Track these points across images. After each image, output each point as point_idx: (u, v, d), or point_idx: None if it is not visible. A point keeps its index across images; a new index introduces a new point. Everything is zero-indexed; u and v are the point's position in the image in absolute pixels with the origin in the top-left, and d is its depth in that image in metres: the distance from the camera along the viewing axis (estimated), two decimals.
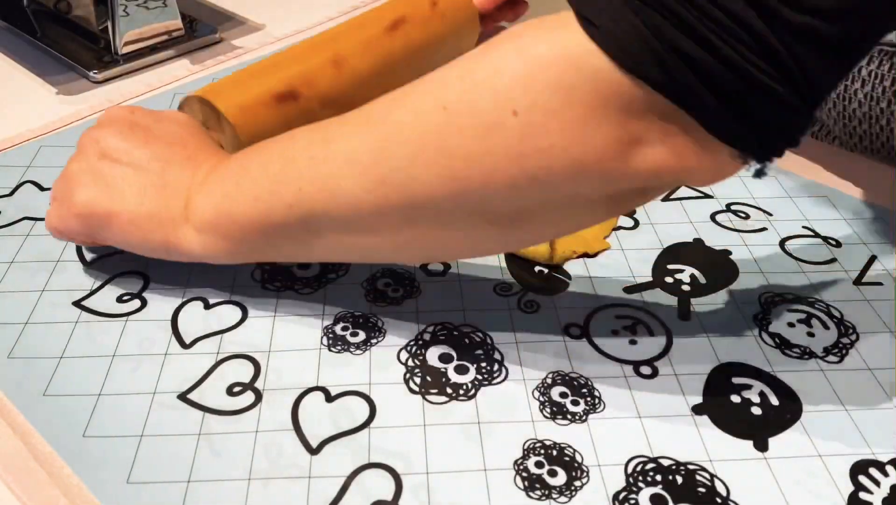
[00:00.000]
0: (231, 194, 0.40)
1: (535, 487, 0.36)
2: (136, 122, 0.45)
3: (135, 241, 0.43)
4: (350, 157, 0.37)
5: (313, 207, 0.38)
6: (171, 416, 0.39)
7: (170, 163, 0.43)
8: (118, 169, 0.43)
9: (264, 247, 0.41)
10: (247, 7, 0.80)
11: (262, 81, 0.51)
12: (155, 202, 0.42)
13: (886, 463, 0.37)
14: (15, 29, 0.73)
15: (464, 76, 0.34)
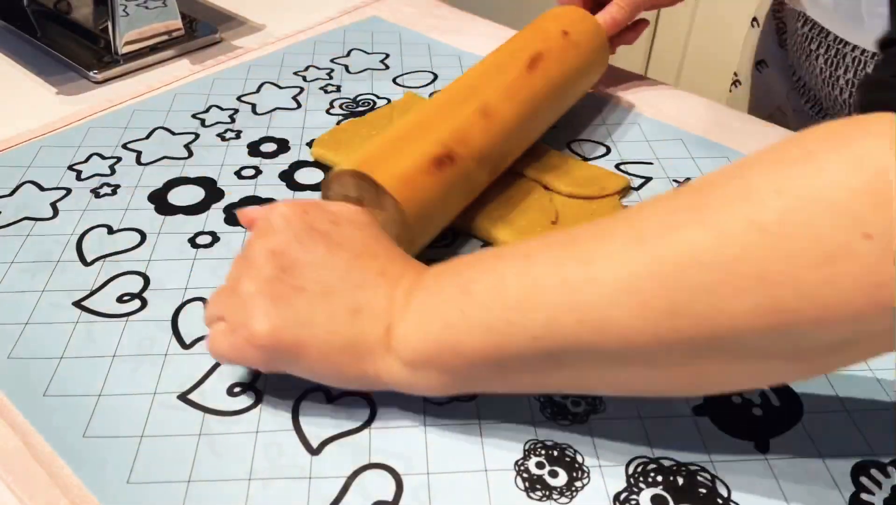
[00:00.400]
0: (454, 324, 0.35)
1: (536, 487, 0.36)
2: (312, 227, 0.39)
3: (327, 374, 0.37)
4: (624, 283, 0.31)
5: (567, 339, 0.32)
6: (171, 416, 0.38)
7: (361, 281, 0.37)
8: (304, 290, 0.37)
9: (491, 379, 0.36)
10: (247, 7, 0.80)
11: (416, 146, 0.45)
12: (350, 330, 0.36)
13: (888, 464, 0.37)
14: (15, 29, 0.73)
15: (783, 191, 0.28)
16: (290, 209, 0.40)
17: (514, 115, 0.50)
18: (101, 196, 0.53)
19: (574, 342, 0.32)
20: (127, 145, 0.58)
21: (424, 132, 0.47)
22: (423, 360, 0.36)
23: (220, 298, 0.39)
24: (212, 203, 0.53)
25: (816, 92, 0.67)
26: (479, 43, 0.73)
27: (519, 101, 0.51)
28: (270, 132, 0.60)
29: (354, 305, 0.37)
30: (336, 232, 0.39)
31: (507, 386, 0.37)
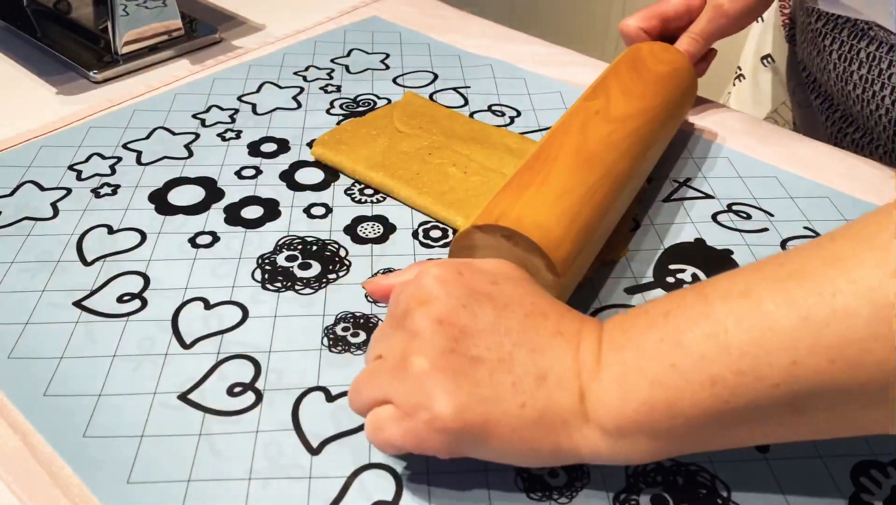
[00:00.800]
0: (665, 382, 0.31)
1: (536, 487, 0.36)
2: (473, 287, 0.35)
3: (518, 453, 0.33)
4: (879, 310, 0.28)
5: (816, 383, 0.29)
6: (171, 416, 0.38)
7: (537, 344, 0.34)
8: (482, 361, 0.33)
9: (713, 437, 0.33)
10: (247, 7, 0.80)
11: (585, 243, 0.42)
12: (539, 402, 0.32)
13: (888, 464, 0.37)
14: (15, 29, 0.73)
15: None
16: (444, 271, 0.35)
17: (638, 156, 0.49)
18: (101, 196, 0.53)
19: (825, 385, 0.29)
20: (127, 145, 0.58)
21: (576, 182, 0.43)
22: (630, 426, 0.32)
23: (379, 378, 0.34)
24: (212, 203, 0.53)
25: (828, 88, 0.67)
26: (478, 43, 0.73)
27: (642, 148, 0.49)
28: (270, 132, 0.60)
29: (538, 372, 0.33)
30: (498, 292, 0.35)
31: (731, 441, 0.33)
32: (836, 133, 0.68)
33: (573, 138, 0.47)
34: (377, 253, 0.49)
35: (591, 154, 0.45)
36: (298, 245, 0.49)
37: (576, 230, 0.41)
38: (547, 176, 0.43)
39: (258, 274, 0.47)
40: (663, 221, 0.52)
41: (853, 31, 0.61)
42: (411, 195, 0.52)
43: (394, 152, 0.56)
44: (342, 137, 0.58)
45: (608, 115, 0.49)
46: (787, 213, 0.53)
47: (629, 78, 0.53)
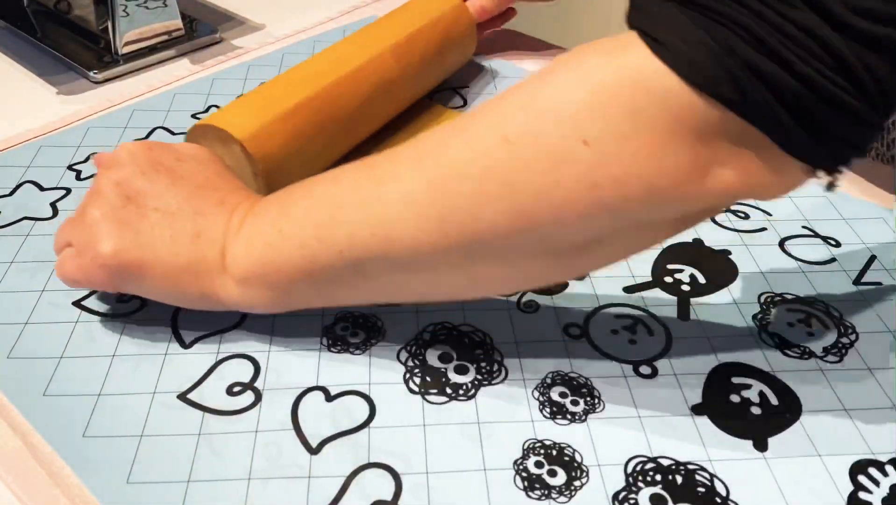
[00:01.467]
0: (274, 243, 0.38)
1: (535, 486, 0.36)
2: (157, 161, 0.42)
3: (169, 294, 0.41)
4: (405, 197, 0.35)
5: (366, 252, 0.36)
6: (171, 416, 0.39)
7: (202, 208, 0.40)
8: (147, 216, 0.40)
9: (310, 294, 0.40)
10: (247, 7, 0.80)
11: (276, 103, 0.50)
12: (190, 253, 0.39)
13: (886, 463, 0.37)
14: (15, 29, 0.73)
15: (525, 106, 0.33)
16: (136, 146, 0.43)
17: (373, 89, 0.55)
18: None
19: (373, 255, 0.36)
20: None
21: (286, 92, 0.51)
22: (251, 277, 0.39)
23: (68, 227, 0.42)
24: None
25: None
26: (479, 43, 0.73)
27: (379, 77, 0.56)
28: None
29: (195, 230, 0.40)
30: (179, 167, 0.42)
31: (325, 300, 0.41)
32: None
33: (308, 66, 0.55)
34: None
35: (314, 74, 0.53)
36: None
37: (281, 130, 0.49)
38: (270, 91, 0.52)
39: None
40: None
41: None
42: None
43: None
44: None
45: (339, 47, 0.57)
46: (786, 212, 0.53)
47: (385, 19, 0.61)
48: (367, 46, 0.56)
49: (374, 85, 0.55)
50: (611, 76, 0.31)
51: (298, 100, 0.51)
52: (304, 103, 0.51)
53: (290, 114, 0.50)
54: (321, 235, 0.37)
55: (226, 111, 0.50)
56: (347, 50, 0.56)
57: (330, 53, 0.56)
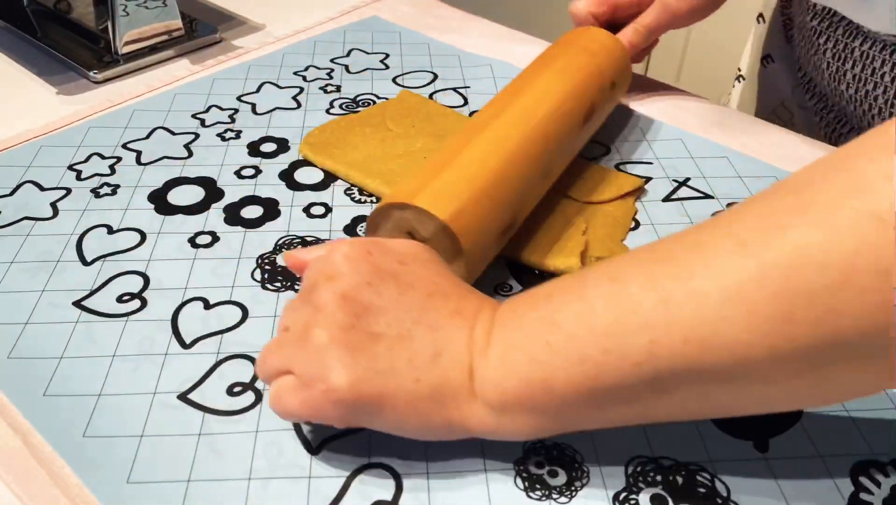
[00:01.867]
0: (540, 359, 0.32)
1: (536, 487, 0.36)
2: (380, 267, 0.36)
3: (411, 426, 0.35)
4: (731, 294, 0.29)
5: (672, 362, 0.30)
6: (171, 416, 0.39)
7: (437, 322, 0.35)
8: (381, 336, 0.34)
9: (587, 415, 0.34)
10: (247, 7, 0.80)
11: (472, 181, 0.43)
12: (432, 378, 0.34)
13: (887, 463, 0.37)
14: (15, 29, 0.73)
15: (892, 175, 0.27)
16: (353, 249, 0.37)
17: (559, 144, 0.50)
18: (101, 196, 0.53)
19: (680, 364, 0.30)
20: (127, 145, 0.58)
21: (474, 158, 0.45)
22: (510, 401, 0.33)
23: (284, 349, 0.35)
24: (212, 203, 0.53)
25: (822, 88, 0.67)
26: (478, 43, 0.73)
27: (570, 155, 0.52)
28: (270, 132, 0.60)
29: (434, 350, 0.34)
30: (404, 272, 0.37)
31: (606, 420, 0.34)
32: (831, 134, 0.68)
33: (486, 120, 0.48)
34: None
35: (502, 135, 0.47)
36: (298, 245, 0.49)
37: (481, 206, 0.43)
38: (456, 155, 0.45)
39: (258, 274, 0.47)
40: (663, 221, 0.52)
41: (847, 28, 0.61)
42: None
43: (388, 156, 0.55)
44: (330, 138, 0.57)
45: (527, 97, 0.50)
46: None
47: (561, 60, 0.54)
48: (544, 97, 0.50)
49: (558, 142, 0.50)
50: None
51: (492, 166, 0.44)
52: (499, 170, 0.45)
53: (486, 184, 0.43)
54: (609, 346, 0.31)
55: (413, 184, 0.43)
56: (526, 102, 0.50)
57: (508, 105, 0.49)
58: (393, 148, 0.56)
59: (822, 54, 0.64)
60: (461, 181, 0.43)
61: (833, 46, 0.62)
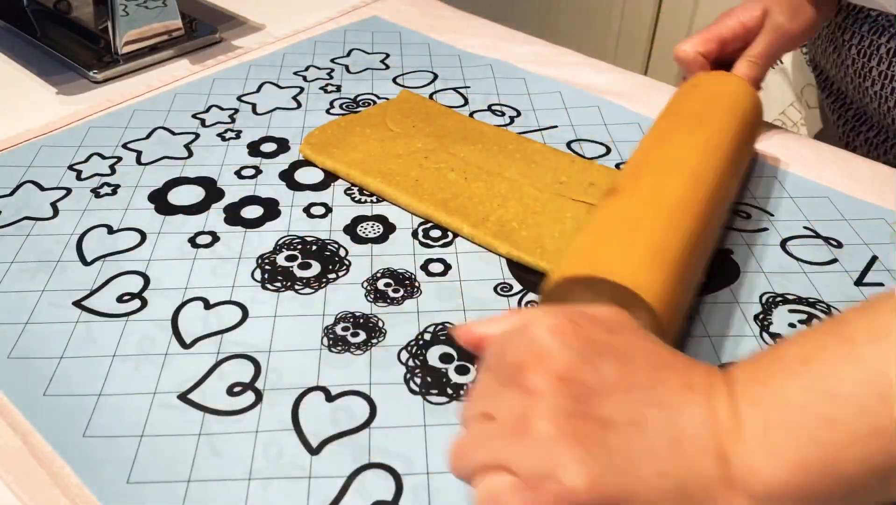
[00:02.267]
0: (821, 438, 0.28)
1: None
2: (591, 339, 0.31)
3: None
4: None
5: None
6: (171, 416, 0.38)
7: (667, 400, 0.30)
8: (612, 424, 0.29)
9: (872, 495, 0.29)
10: (247, 7, 0.80)
11: (656, 246, 0.40)
12: (677, 469, 0.29)
13: None
14: (15, 29, 0.73)
15: None
16: (557, 320, 0.32)
17: (723, 201, 0.48)
18: (101, 196, 0.53)
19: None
20: (127, 145, 0.58)
21: (663, 228, 0.42)
22: (783, 491, 0.28)
23: (492, 442, 0.30)
24: (212, 203, 0.53)
25: (844, 85, 0.66)
26: (478, 43, 0.73)
27: (726, 190, 0.48)
28: (270, 132, 0.60)
29: (673, 434, 0.29)
30: (617, 342, 0.32)
31: (889, 497, 0.29)
32: (849, 132, 0.68)
33: (656, 186, 0.45)
34: (377, 253, 0.49)
35: (679, 202, 0.43)
36: (298, 245, 0.49)
37: (672, 281, 0.39)
38: (637, 224, 0.42)
39: (258, 274, 0.47)
40: None
41: (874, 25, 0.60)
42: (411, 203, 0.52)
43: (389, 156, 0.55)
44: (331, 138, 0.57)
45: (688, 165, 0.47)
46: (787, 212, 0.53)
47: (704, 122, 0.51)
48: (703, 156, 0.47)
49: (723, 199, 0.47)
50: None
51: (679, 238, 0.41)
52: (684, 239, 0.42)
53: (678, 256, 0.40)
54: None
55: (608, 254, 0.40)
56: (689, 161, 0.47)
57: (672, 162, 0.47)
58: (393, 147, 0.56)
59: (846, 51, 0.63)
60: (652, 254, 0.40)
61: (858, 43, 0.61)
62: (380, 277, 0.47)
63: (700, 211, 0.44)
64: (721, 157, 0.48)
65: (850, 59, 0.63)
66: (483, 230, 0.49)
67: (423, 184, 0.53)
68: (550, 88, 0.66)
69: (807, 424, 0.28)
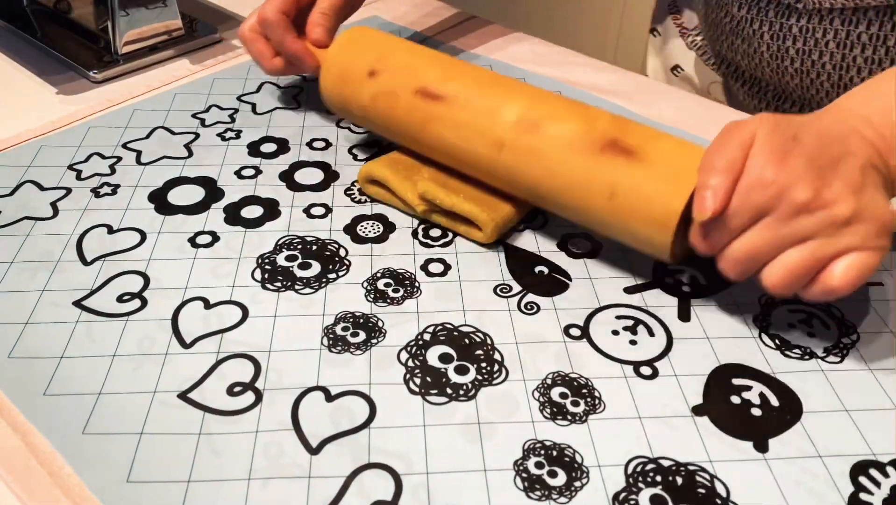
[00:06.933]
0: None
1: (535, 487, 0.36)
2: (798, 137, 0.40)
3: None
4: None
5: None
6: (171, 415, 0.39)
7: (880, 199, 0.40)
8: (830, 152, 0.39)
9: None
10: (247, 7, 0.80)
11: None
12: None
13: (887, 464, 0.37)
14: (15, 29, 0.73)
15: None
16: (769, 120, 0.41)
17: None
18: (101, 196, 0.53)
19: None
20: (127, 145, 0.58)
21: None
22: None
23: (759, 238, 0.40)
24: (212, 203, 0.53)
25: (759, 72, 0.69)
26: (478, 43, 0.73)
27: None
28: (270, 132, 0.60)
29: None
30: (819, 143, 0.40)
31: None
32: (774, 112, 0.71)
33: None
34: (377, 252, 0.49)
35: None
36: (298, 245, 0.49)
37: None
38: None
39: (258, 274, 0.47)
40: None
41: (778, 10, 0.63)
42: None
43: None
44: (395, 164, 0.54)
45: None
46: None
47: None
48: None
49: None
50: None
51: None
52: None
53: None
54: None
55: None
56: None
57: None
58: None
59: (759, 39, 0.66)
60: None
61: (769, 29, 0.64)
62: (380, 277, 0.47)
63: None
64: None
65: (765, 45, 0.65)
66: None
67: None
68: (550, 88, 0.66)
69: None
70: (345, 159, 0.58)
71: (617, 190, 0.44)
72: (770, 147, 0.39)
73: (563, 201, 0.46)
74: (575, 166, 0.45)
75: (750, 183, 0.39)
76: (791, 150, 0.39)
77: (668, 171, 0.43)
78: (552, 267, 0.48)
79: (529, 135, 0.46)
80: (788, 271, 0.39)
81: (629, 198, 0.43)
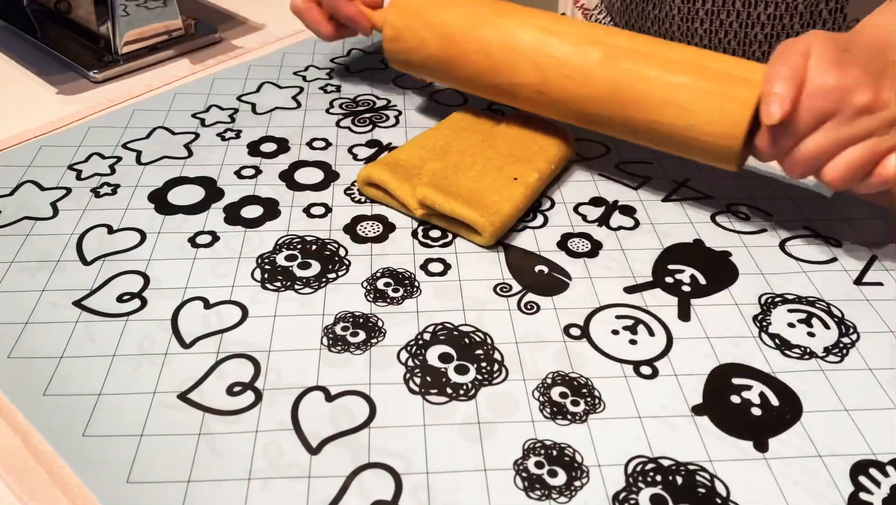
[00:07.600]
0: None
1: (535, 487, 0.36)
2: (848, 49, 0.44)
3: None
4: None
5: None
6: (171, 415, 0.39)
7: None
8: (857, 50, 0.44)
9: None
10: (247, 7, 0.80)
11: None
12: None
13: (887, 463, 0.37)
14: (15, 29, 0.73)
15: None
16: (821, 37, 0.45)
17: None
18: (101, 196, 0.53)
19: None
20: (127, 145, 0.58)
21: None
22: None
23: (823, 140, 0.44)
24: (212, 203, 0.53)
25: (668, 36, 0.70)
26: None
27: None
28: (270, 132, 0.60)
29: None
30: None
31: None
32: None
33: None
34: (377, 252, 0.49)
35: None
36: (298, 244, 0.49)
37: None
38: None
39: (258, 273, 0.47)
40: (662, 221, 0.52)
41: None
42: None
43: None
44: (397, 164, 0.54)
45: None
46: (786, 212, 0.53)
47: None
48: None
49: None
50: None
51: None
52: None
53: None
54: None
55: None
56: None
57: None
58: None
59: (669, 3, 0.68)
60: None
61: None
62: (379, 277, 0.47)
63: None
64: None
65: (676, 10, 0.68)
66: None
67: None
68: None
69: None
70: (345, 159, 0.58)
71: (687, 104, 0.48)
72: (826, 57, 0.43)
73: (643, 116, 0.50)
74: (651, 82, 0.49)
75: (813, 90, 0.43)
76: (846, 61, 0.43)
77: (731, 82, 0.47)
78: (552, 266, 0.48)
79: (624, 60, 0.50)
80: (850, 166, 0.43)
81: (701, 111, 0.47)
